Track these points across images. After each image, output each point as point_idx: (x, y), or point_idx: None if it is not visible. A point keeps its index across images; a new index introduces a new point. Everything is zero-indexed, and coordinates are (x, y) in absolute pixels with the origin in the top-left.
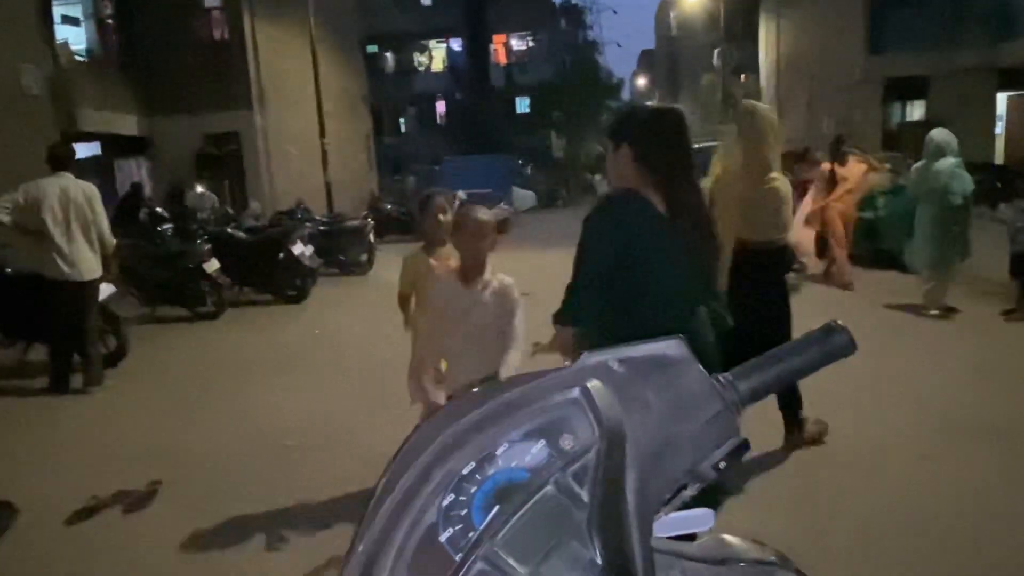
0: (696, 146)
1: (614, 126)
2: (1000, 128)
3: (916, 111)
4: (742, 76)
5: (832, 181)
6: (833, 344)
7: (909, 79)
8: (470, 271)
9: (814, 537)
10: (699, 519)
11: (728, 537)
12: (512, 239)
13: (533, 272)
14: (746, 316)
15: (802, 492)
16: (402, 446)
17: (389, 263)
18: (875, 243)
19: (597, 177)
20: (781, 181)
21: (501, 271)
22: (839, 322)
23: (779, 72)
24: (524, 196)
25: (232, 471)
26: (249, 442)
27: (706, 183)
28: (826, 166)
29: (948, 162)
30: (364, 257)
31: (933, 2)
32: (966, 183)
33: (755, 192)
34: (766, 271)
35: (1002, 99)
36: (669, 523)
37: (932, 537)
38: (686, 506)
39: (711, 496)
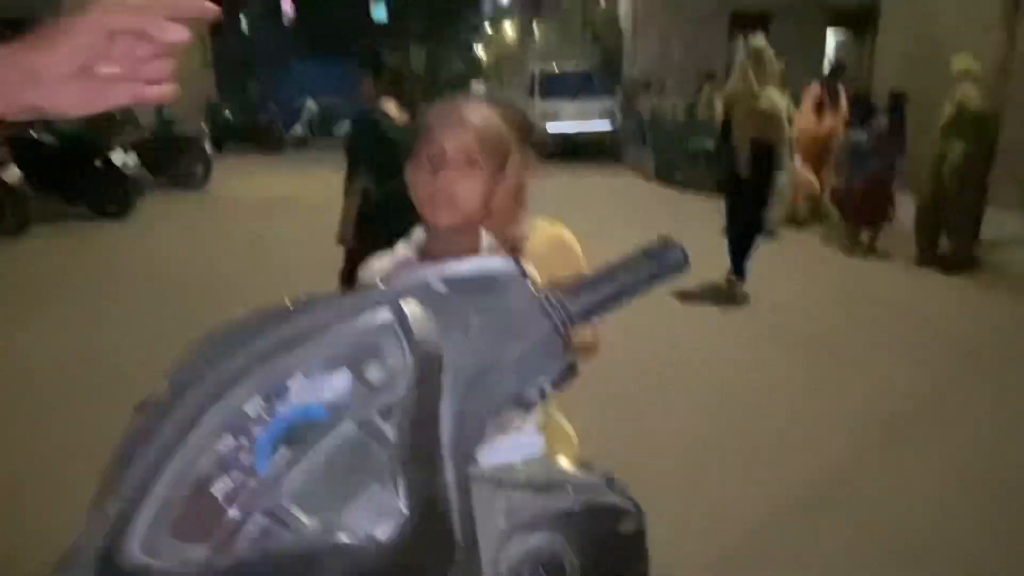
0: (560, 70)
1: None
2: (827, 63)
3: (758, 43)
4: (601, 2)
5: (819, 109)
6: (667, 260)
7: (753, 15)
8: None
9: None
10: (527, 445)
11: (555, 461)
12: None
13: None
14: (752, 186)
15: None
16: (174, 371)
17: (229, 177)
18: None
19: (459, 95)
20: (779, 99)
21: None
22: (671, 237)
23: (635, 1)
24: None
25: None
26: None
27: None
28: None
29: None
30: (199, 169)
31: None
32: None
33: (762, 106)
34: (769, 159)
35: (831, 35)
36: (494, 450)
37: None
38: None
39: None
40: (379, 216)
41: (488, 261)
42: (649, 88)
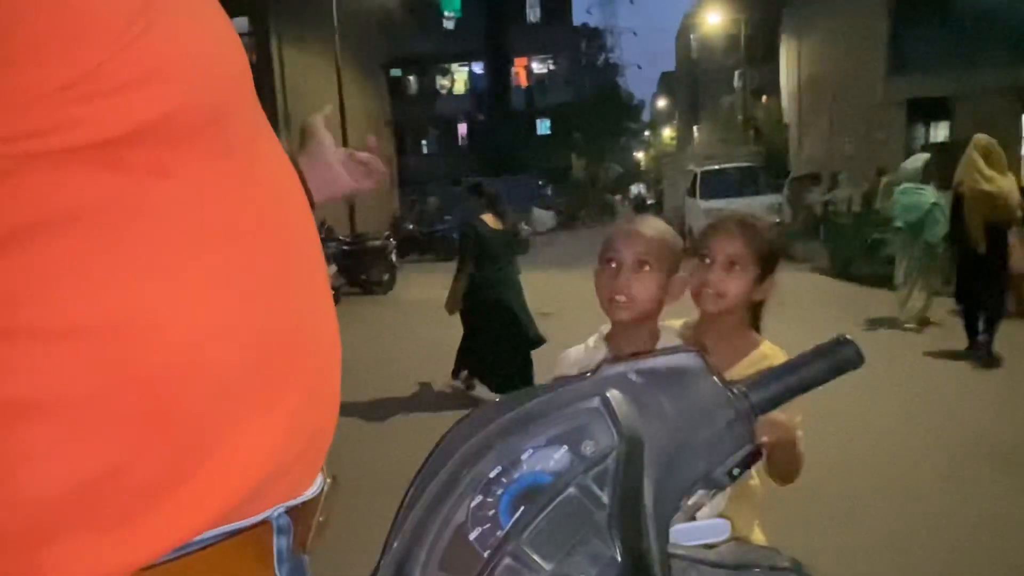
0: (721, 167)
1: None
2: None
3: (940, 132)
4: (763, 98)
5: None
6: (842, 356)
7: (932, 100)
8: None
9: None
10: (715, 528)
11: (743, 544)
12: (532, 259)
13: (553, 292)
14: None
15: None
16: (432, 451)
17: (410, 282)
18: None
19: (617, 197)
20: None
21: (525, 291)
22: (847, 336)
23: (800, 94)
24: (544, 217)
25: None
26: None
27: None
28: None
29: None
30: (386, 276)
31: (954, 22)
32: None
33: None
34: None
35: None
36: (687, 532)
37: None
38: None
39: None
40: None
41: (676, 356)
42: (819, 182)
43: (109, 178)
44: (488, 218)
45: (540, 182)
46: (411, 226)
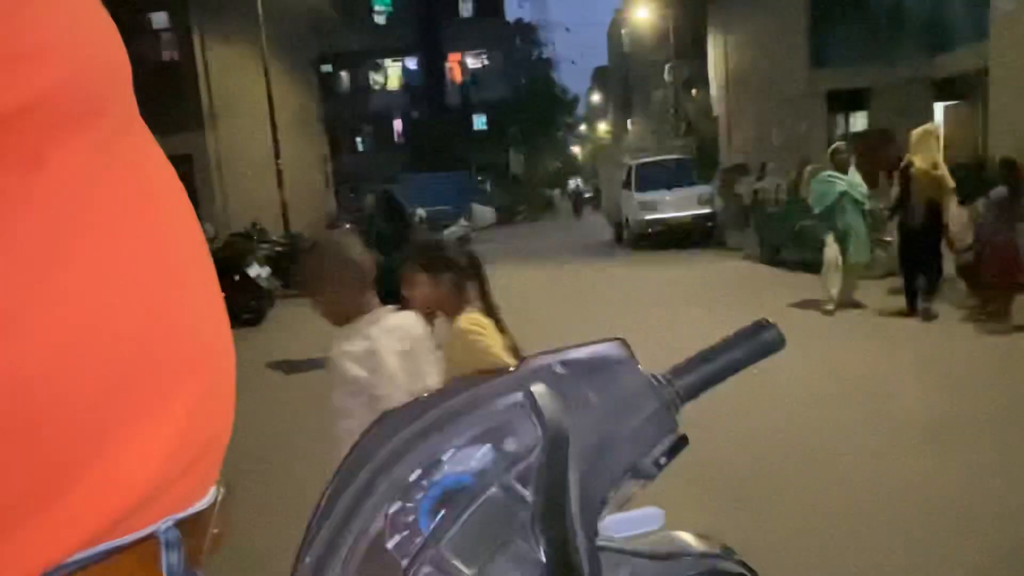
0: (655, 159)
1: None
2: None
3: (859, 122)
4: (693, 91)
5: None
6: (764, 340)
7: (851, 91)
8: None
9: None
10: (649, 518)
11: (675, 533)
12: None
13: (493, 288)
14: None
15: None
16: (347, 456)
17: None
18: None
19: (556, 192)
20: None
21: None
22: (768, 319)
23: (728, 87)
24: (483, 212)
25: None
26: None
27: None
28: None
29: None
30: None
31: (871, 17)
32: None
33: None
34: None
35: (939, 108)
36: (620, 523)
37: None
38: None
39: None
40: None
41: (601, 346)
42: (747, 172)
43: None
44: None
45: (479, 178)
46: (348, 225)
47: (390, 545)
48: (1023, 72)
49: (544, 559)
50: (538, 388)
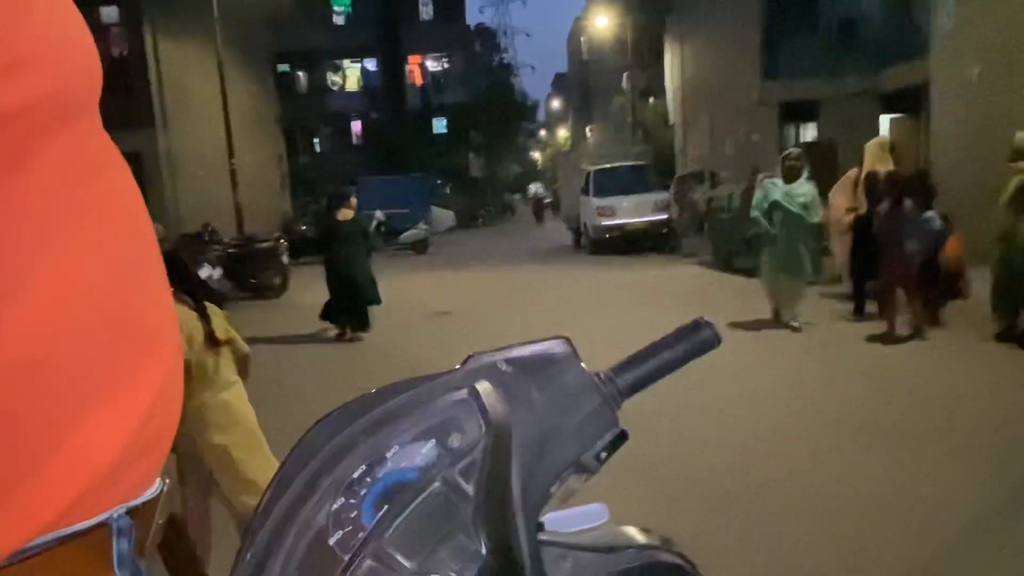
0: (612, 165)
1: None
2: None
3: (809, 132)
4: (650, 99)
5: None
6: (701, 338)
7: (802, 103)
8: None
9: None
10: (593, 514)
11: (618, 527)
12: (431, 260)
13: (452, 291)
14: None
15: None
16: (291, 451)
17: (304, 286)
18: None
19: (516, 196)
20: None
21: (421, 291)
22: (705, 318)
23: (683, 96)
24: (443, 216)
25: None
26: None
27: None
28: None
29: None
30: (278, 280)
31: (821, 32)
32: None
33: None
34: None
35: (885, 121)
36: (565, 519)
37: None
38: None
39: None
40: None
41: (544, 344)
42: (702, 180)
43: None
44: (343, 213)
45: (438, 181)
46: (304, 227)
47: (332, 541)
48: (963, 85)
49: (483, 552)
50: (482, 385)
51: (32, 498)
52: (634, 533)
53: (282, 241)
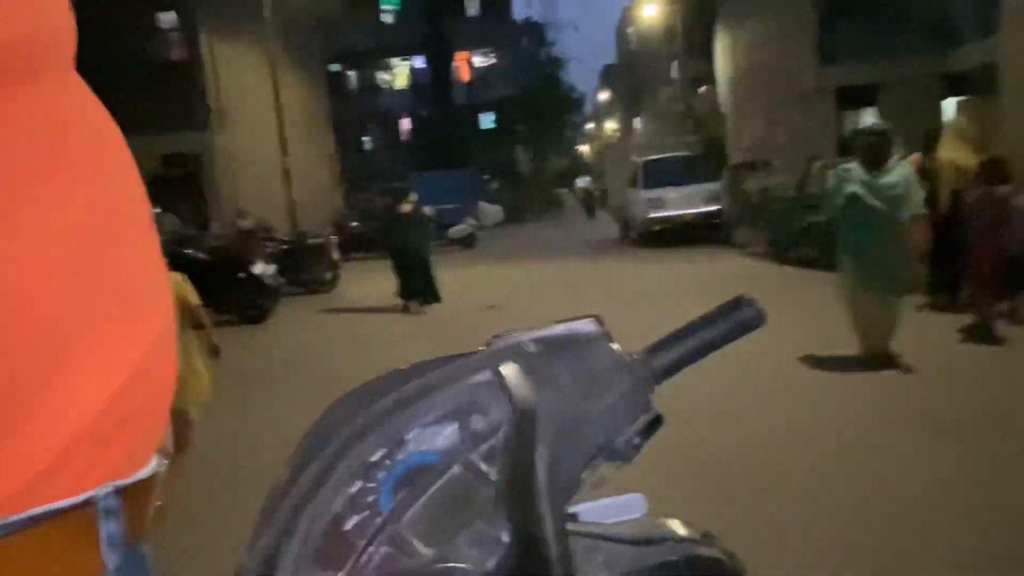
0: (662, 156)
1: None
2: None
3: (867, 118)
4: (700, 88)
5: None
6: (743, 317)
7: (860, 88)
8: None
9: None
10: (631, 505)
11: (657, 519)
12: (479, 254)
13: (500, 286)
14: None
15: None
16: (309, 432)
17: (354, 280)
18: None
19: (564, 191)
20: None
21: (469, 286)
22: (747, 295)
23: (736, 83)
24: (491, 211)
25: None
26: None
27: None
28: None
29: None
30: (328, 275)
31: (880, 13)
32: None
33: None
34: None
35: (949, 104)
36: (602, 509)
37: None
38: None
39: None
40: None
41: (574, 324)
42: (755, 169)
43: None
44: (405, 206)
45: (485, 176)
46: (355, 224)
47: (349, 526)
48: None
49: (505, 539)
50: (507, 366)
51: (24, 443)
52: (673, 526)
53: (332, 238)
